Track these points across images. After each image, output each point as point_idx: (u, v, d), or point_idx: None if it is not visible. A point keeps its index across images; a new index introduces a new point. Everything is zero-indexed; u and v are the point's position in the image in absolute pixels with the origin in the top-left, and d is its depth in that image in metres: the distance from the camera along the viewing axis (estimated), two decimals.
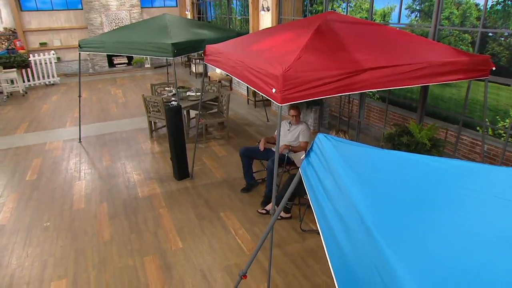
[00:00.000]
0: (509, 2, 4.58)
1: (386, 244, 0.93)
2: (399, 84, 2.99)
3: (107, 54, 13.78)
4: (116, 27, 12.89)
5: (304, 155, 1.71)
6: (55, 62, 11.99)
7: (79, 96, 6.61)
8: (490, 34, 5.06)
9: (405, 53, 3.20)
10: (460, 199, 1.18)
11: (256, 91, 2.96)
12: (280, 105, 2.50)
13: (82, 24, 13.45)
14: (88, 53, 12.74)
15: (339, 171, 1.31)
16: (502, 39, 4.94)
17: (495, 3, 4.79)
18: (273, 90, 2.52)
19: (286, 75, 2.46)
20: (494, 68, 3.45)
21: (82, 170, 5.52)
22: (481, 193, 1.21)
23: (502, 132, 5.05)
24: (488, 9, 4.96)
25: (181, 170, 5.08)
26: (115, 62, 14.25)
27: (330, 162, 1.40)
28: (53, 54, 11.68)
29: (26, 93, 10.53)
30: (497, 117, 5.28)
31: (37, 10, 12.86)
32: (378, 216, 1.04)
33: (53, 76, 11.80)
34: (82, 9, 13.34)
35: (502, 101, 5.24)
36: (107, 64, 14.03)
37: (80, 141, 6.66)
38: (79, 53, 6.02)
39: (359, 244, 1.02)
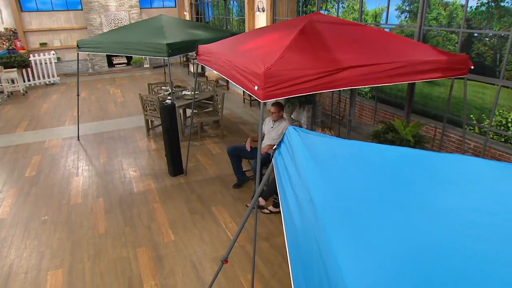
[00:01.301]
0: (493, 4, 4.72)
1: (327, 219, 1.08)
2: (379, 82, 3.14)
3: (106, 54, 13.95)
4: (115, 28, 13.08)
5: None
6: (55, 62, 12.16)
7: (78, 95, 6.77)
8: (475, 34, 5.20)
9: (385, 52, 3.35)
10: (405, 183, 1.33)
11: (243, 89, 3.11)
12: (262, 101, 2.65)
13: (81, 25, 13.62)
14: (87, 53, 12.96)
15: (301, 158, 1.46)
16: (487, 39, 5.08)
17: (479, 4, 4.93)
18: (256, 88, 2.67)
19: (267, 73, 2.61)
20: (472, 67, 3.60)
21: (80, 167, 5.68)
22: (426, 177, 1.36)
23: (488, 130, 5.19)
24: (473, 10, 5.10)
25: (176, 167, 5.23)
26: (114, 62, 14.41)
27: (295, 150, 1.55)
28: (53, 54, 11.85)
29: (26, 92, 10.70)
30: (483, 115, 5.42)
31: (38, 11, 13.02)
32: (325, 196, 1.19)
33: (53, 76, 11.97)
34: (81, 9, 13.50)
35: (488, 99, 5.37)
36: (106, 64, 14.19)
37: (78, 139, 6.82)
38: (78, 53, 6.18)
39: (306, 219, 1.16)
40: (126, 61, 14.55)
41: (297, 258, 1.13)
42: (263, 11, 8.07)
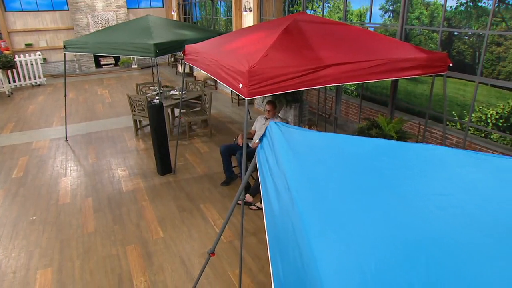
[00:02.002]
0: (471, 4, 4.87)
1: (302, 205, 1.15)
2: (361, 79, 3.24)
3: (94, 55, 13.87)
4: (102, 28, 13.00)
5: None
6: (41, 63, 12.04)
7: (65, 96, 6.75)
8: (455, 33, 5.35)
9: (367, 51, 3.45)
10: (377, 171, 1.41)
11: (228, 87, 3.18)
12: (246, 98, 2.72)
13: (68, 25, 13.51)
14: (74, 54, 12.87)
15: (280, 150, 1.54)
16: (467, 38, 5.23)
17: (459, 4, 5.08)
18: (240, 85, 2.75)
19: (251, 71, 2.69)
20: (451, 64, 3.73)
21: (68, 167, 5.67)
22: (397, 165, 1.45)
23: (470, 126, 5.35)
24: (453, 9, 5.26)
25: (164, 166, 5.27)
26: (102, 62, 14.33)
27: (275, 143, 1.63)
28: (39, 55, 11.74)
29: (11, 93, 10.59)
30: (464, 111, 5.58)
31: (22, 11, 12.88)
32: (301, 184, 1.27)
33: (39, 77, 11.86)
34: (68, 10, 13.39)
35: (469, 96, 5.53)
36: (94, 65, 14.10)
37: (66, 140, 6.80)
38: (64, 53, 6.17)
39: (284, 205, 1.24)
40: (113, 61, 14.48)
41: (275, 241, 1.20)
42: (250, 11, 8.14)
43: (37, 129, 7.50)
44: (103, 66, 14.35)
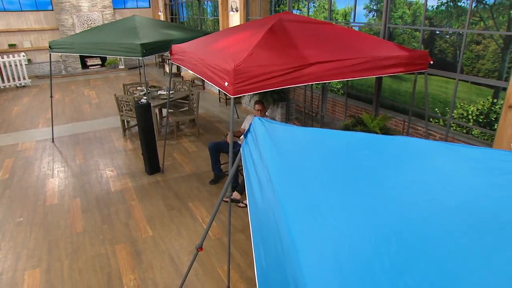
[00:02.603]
0: (451, 4, 5.00)
1: (282, 194, 1.21)
2: (344, 77, 3.32)
3: (80, 56, 13.74)
4: (88, 28, 12.88)
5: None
6: (25, 64, 11.88)
7: (51, 97, 6.70)
8: (437, 32, 5.49)
9: (350, 49, 3.53)
10: (356, 162, 1.48)
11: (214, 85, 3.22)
12: (232, 96, 2.77)
13: (53, 25, 13.35)
14: (59, 54, 12.73)
15: (263, 143, 1.59)
16: (448, 36, 5.37)
17: (439, 4, 5.21)
18: (226, 84, 2.80)
19: (237, 69, 2.74)
20: (431, 62, 3.84)
21: (55, 168, 5.64)
22: (375, 156, 1.52)
23: (452, 122, 5.49)
24: (435, 9, 5.39)
25: (152, 165, 5.29)
26: (88, 63, 14.20)
27: (259, 138, 1.68)
28: (23, 56, 11.58)
29: None
30: (447, 108, 5.72)
31: (4, 11, 12.67)
32: (282, 175, 1.32)
33: (23, 78, 11.70)
34: (52, 10, 13.23)
35: (451, 93, 5.67)
36: (80, 66, 13.95)
37: (53, 141, 6.74)
38: (50, 54, 6.12)
39: (266, 195, 1.30)
40: (100, 62, 14.36)
41: (257, 229, 1.26)
42: (237, 11, 8.19)
43: (22, 131, 7.42)
44: (89, 67, 14.22)
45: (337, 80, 3.71)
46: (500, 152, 1.35)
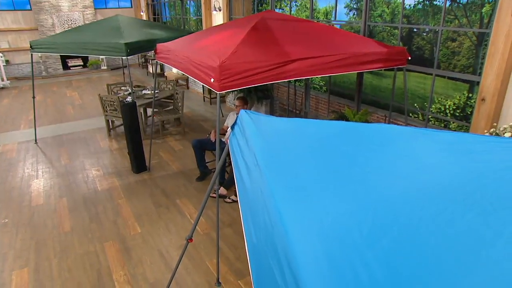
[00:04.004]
0: (427, 2, 5.20)
1: (269, 175, 1.30)
2: (326, 72, 3.43)
3: (60, 57, 13.53)
4: (70, 28, 12.71)
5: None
6: (3, 65, 11.65)
7: (33, 97, 6.62)
8: (415, 29, 5.68)
9: (332, 46, 3.65)
10: (337, 149, 1.58)
11: (201, 83, 3.29)
12: (218, 92, 2.85)
13: (31, 26, 13.11)
14: (39, 55, 12.52)
15: (250, 134, 1.68)
16: (425, 34, 5.57)
17: (416, 3, 5.40)
18: (212, 80, 2.87)
19: (222, 66, 2.82)
20: (409, 58, 4.00)
21: (39, 169, 5.59)
22: (353, 141, 1.62)
23: (430, 116, 5.70)
24: (412, 7, 5.58)
25: (139, 164, 5.31)
26: (69, 64, 14.01)
27: (245, 128, 1.77)
28: (1, 57, 11.36)
29: None
30: (425, 103, 5.93)
31: None
32: (268, 159, 1.41)
33: (2, 80, 11.48)
34: (30, 9, 12.99)
35: (428, 89, 5.88)
36: (61, 67, 13.74)
37: (36, 142, 6.67)
38: (31, 54, 6.06)
39: (254, 178, 1.39)
40: (82, 63, 14.19)
41: (247, 209, 1.35)
42: (220, 10, 8.25)
43: (3, 132, 7.30)
44: (70, 68, 14.03)
45: (320, 77, 3.83)
46: (469, 135, 1.48)
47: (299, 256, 0.89)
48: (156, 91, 7.08)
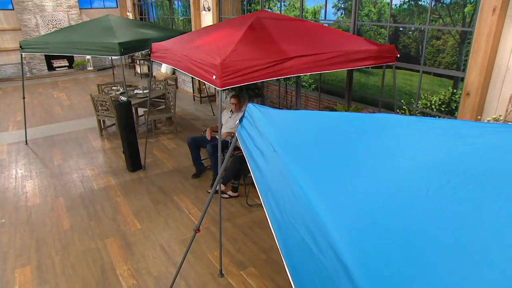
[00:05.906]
0: (413, 2, 5.41)
1: (287, 158, 1.43)
2: (320, 69, 3.58)
3: (45, 57, 13.35)
4: (55, 29, 12.57)
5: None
6: None
7: (23, 98, 6.59)
8: (401, 28, 5.89)
9: (325, 44, 3.80)
10: (344, 135, 1.72)
11: (200, 80, 3.39)
12: (220, 89, 2.96)
13: (14, 26, 12.87)
14: (24, 55, 12.31)
15: (262, 125, 1.80)
16: (411, 33, 5.78)
17: (402, 2, 5.61)
18: (214, 77, 2.98)
19: (224, 63, 2.93)
20: (398, 55, 4.19)
21: (32, 170, 5.58)
22: (357, 129, 1.76)
23: (417, 112, 5.92)
24: (398, 7, 5.79)
25: (134, 162, 5.36)
26: (54, 65, 13.83)
27: (256, 120, 1.89)
28: None
29: None
30: (412, 100, 6.15)
31: None
32: (284, 145, 1.54)
33: None
34: (13, 9, 12.76)
35: (415, 86, 6.11)
36: (46, 68, 13.56)
37: (26, 143, 6.63)
38: (21, 54, 6.03)
39: (271, 163, 1.51)
40: (67, 64, 14.02)
41: (266, 190, 1.46)
42: (209, 10, 8.33)
43: None
44: (56, 69, 13.85)
45: (308, 74, 3.97)
46: (462, 122, 1.64)
47: (325, 219, 1.02)
48: (148, 91, 7.12)
